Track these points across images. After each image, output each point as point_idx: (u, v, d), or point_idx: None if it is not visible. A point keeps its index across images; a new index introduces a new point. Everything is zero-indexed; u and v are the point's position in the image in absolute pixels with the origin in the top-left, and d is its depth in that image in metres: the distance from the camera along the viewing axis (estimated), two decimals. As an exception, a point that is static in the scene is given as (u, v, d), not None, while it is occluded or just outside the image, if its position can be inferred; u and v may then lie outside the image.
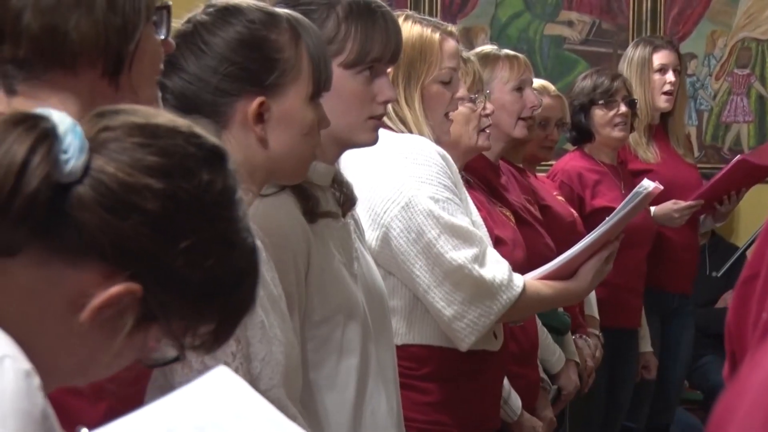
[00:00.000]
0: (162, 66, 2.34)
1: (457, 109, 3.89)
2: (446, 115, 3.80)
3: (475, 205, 4.07)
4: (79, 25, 2.18)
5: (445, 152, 3.69)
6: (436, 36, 3.72)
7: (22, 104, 1.93)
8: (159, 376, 2.45)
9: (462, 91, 3.93)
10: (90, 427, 2.08)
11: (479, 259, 3.56)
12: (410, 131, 3.63)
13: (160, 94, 2.45)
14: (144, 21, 2.23)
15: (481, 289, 3.55)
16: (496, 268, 3.59)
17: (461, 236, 3.55)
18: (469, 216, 3.69)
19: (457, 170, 3.82)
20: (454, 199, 3.61)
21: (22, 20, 2.17)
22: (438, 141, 3.72)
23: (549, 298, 3.83)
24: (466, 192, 3.78)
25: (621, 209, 3.75)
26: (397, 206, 3.49)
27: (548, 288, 3.74)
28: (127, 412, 2.27)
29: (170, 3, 2.31)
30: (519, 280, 3.60)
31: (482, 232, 3.72)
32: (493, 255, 3.63)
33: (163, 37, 2.30)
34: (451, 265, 3.52)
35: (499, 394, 3.96)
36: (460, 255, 3.53)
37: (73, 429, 1.92)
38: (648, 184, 3.74)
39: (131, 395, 2.30)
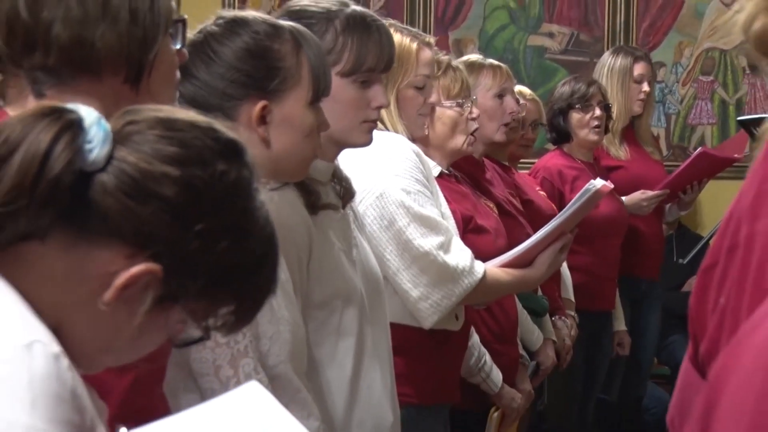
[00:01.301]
0: (178, 73, 2.34)
1: (428, 111, 3.89)
2: (419, 115, 3.79)
3: (461, 196, 4.13)
4: (104, 36, 2.18)
5: (418, 149, 3.71)
6: (414, 45, 3.71)
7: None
8: (176, 353, 2.44)
9: (435, 97, 3.94)
10: (116, 397, 2.09)
11: (444, 246, 3.58)
12: (386, 129, 3.63)
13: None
14: (163, 33, 2.23)
15: (444, 274, 3.56)
16: (459, 255, 3.60)
17: (429, 225, 3.57)
18: (438, 208, 3.70)
19: (431, 165, 3.84)
20: (424, 192, 3.62)
21: (52, 31, 2.17)
22: (412, 138, 3.73)
23: (508, 284, 3.83)
24: (437, 186, 3.78)
25: (572, 205, 3.76)
26: (372, 196, 3.49)
27: (507, 275, 3.75)
28: (149, 385, 2.27)
29: (186, 17, 2.31)
30: (480, 267, 3.62)
31: (450, 223, 3.73)
32: (457, 243, 3.64)
33: (178, 47, 2.30)
34: (419, 251, 3.54)
35: (458, 370, 3.92)
36: (427, 242, 3.55)
37: (104, 398, 1.92)
38: (597, 183, 3.76)
39: (154, 369, 2.30)
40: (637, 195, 5.97)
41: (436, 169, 4.04)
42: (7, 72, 3.83)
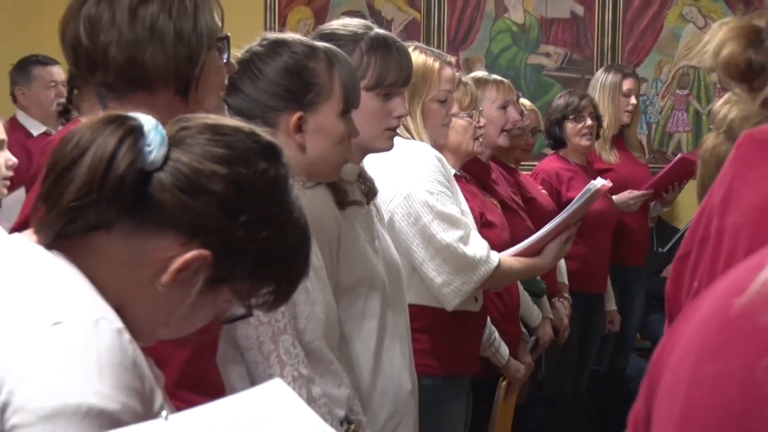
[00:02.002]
0: (225, 83, 2.35)
1: (450, 122, 3.91)
2: (442, 125, 3.81)
3: (471, 195, 4.11)
4: (154, 56, 2.20)
5: (440, 155, 3.70)
6: (437, 64, 3.71)
7: None
8: (226, 330, 2.46)
9: (455, 108, 3.96)
10: (174, 368, 2.10)
11: (464, 239, 3.58)
12: (413, 138, 3.64)
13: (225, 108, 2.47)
14: (206, 50, 2.24)
15: (464, 263, 3.57)
16: (477, 246, 3.60)
17: (450, 221, 3.57)
18: (458, 206, 3.69)
19: (450, 169, 3.83)
20: (446, 192, 3.61)
21: (108, 54, 2.21)
22: (435, 145, 3.73)
23: (519, 271, 3.84)
24: (457, 186, 3.77)
25: (576, 201, 3.80)
26: (400, 196, 3.51)
27: (519, 263, 3.77)
28: (204, 357, 2.27)
29: (228, 34, 2.31)
30: (495, 257, 3.62)
31: (468, 219, 3.72)
32: (475, 236, 3.65)
33: (225, 60, 2.31)
34: (441, 243, 3.55)
35: (478, 345, 3.93)
36: (449, 236, 3.55)
37: (164, 370, 1.93)
38: (597, 182, 3.82)
39: (207, 346, 2.32)
40: (626, 194, 5.96)
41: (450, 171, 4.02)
42: (80, 87, 3.85)
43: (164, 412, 1.45)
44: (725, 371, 0.95)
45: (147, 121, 1.67)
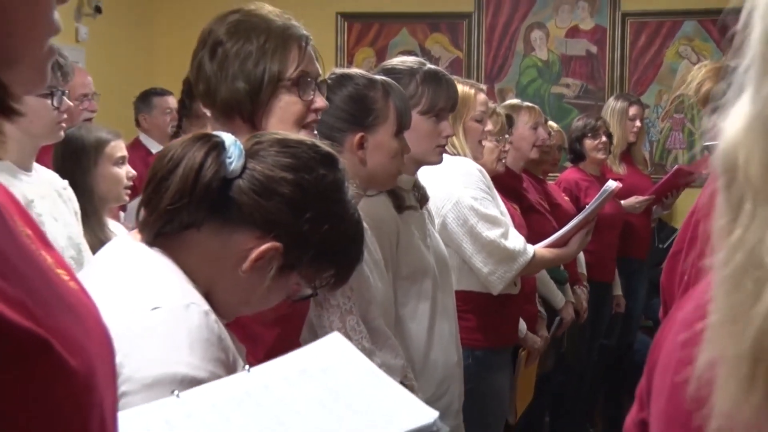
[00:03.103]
0: (308, 115, 2.31)
1: (486, 137, 3.99)
2: (479, 141, 3.88)
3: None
4: (221, 91, 2.20)
5: (481, 167, 3.75)
6: (472, 91, 3.79)
7: None
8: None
9: (490, 125, 4.03)
10: (265, 345, 2.09)
11: (505, 235, 3.61)
12: (458, 153, 3.68)
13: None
14: (270, 87, 2.23)
15: (505, 255, 3.60)
16: (516, 241, 3.63)
17: (492, 221, 3.60)
18: (498, 209, 3.72)
19: (489, 178, 3.85)
20: (487, 197, 3.65)
21: (198, 88, 2.25)
22: (475, 159, 3.78)
23: (550, 260, 3.87)
24: (496, 192, 3.81)
25: (594, 201, 3.87)
26: (450, 203, 3.55)
27: (549, 253, 3.82)
28: (290, 336, 2.26)
29: (308, 70, 2.28)
30: (530, 249, 3.66)
31: (507, 219, 3.74)
32: (513, 233, 3.68)
33: (310, 97, 2.28)
34: (486, 239, 3.57)
35: (516, 322, 3.96)
36: (492, 233, 3.58)
37: (257, 345, 1.92)
38: (611, 184, 3.87)
39: (294, 326, 2.31)
40: (632, 199, 5.94)
41: None
42: (188, 115, 3.84)
43: (246, 366, 1.47)
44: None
45: (227, 137, 1.69)
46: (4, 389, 0.93)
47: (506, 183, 4.39)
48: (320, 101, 2.30)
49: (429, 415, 1.32)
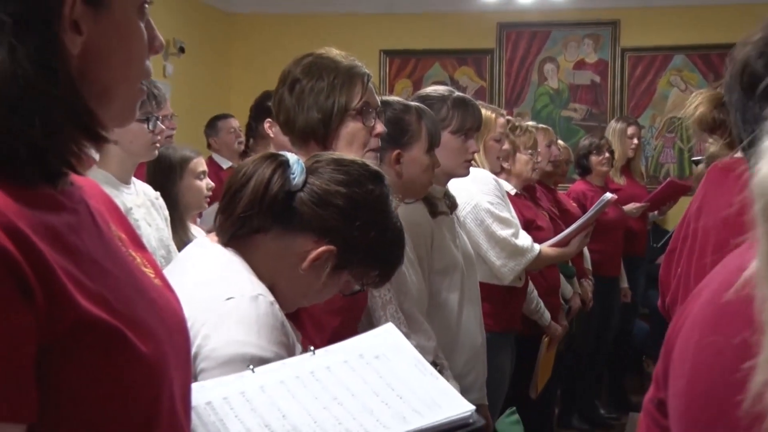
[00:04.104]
0: (371, 141, 2.31)
1: (505, 156, 4.00)
2: (497, 158, 3.86)
3: (526, 208, 4.19)
4: (298, 120, 2.21)
5: (497, 177, 3.76)
6: (493, 115, 3.75)
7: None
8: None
9: (507, 145, 3.99)
10: (328, 332, 2.08)
11: (515, 234, 3.60)
12: (478, 166, 3.65)
13: None
14: (339, 115, 2.23)
15: (516, 251, 3.58)
16: (524, 240, 3.62)
17: (505, 222, 3.59)
18: (510, 212, 3.69)
19: (504, 187, 3.85)
20: (501, 202, 3.64)
21: (279, 118, 2.23)
22: (492, 171, 3.77)
23: (553, 257, 3.84)
24: (507, 199, 3.78)
25: (592, 209, 3.87)
26: (470, 206, 3.53)
27: (553, 251, 3.80)
28: (351, 324, 2.26)
29: (369, 102, 2.28)
30: (537, 247, 3.65)
31: (516, 221, 3.71)
32: (523, 233, 3.67)
33: (371, 123, 2.28)
34: (499, 237, 3.56)
35: (520, 310, 3.89)
36: (505, 232, 3.57)
37: (323, 332, 1.93)
38: (608, 196, 3.86)
39: (353, 315, 2.31)
40: (631, 206, 5.90)
41: (512, 190, 4.14)
42: (256, 137, 3.84)
43: (312, 348, 1.46)
44: (719, 342, 0.94)
45: (291, 157, 1.69)
46: (85, 370, 0.94)
47: (527, 193, 4.39)
48: (380, 127, 2.29)
49: (466, 407, 1.28)
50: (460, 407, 1.28)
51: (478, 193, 3.56)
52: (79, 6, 0.99)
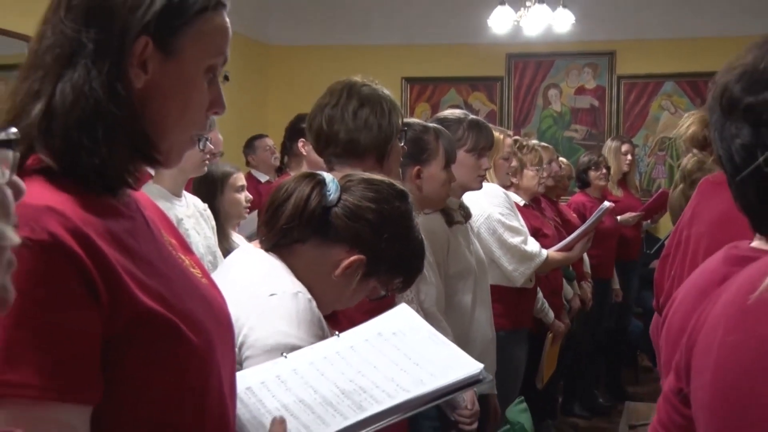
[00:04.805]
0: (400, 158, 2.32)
1: (513, 172, 4.00)
2: (507, 173, 3.84)
3: (534, 217, 4.17)
4: (361, 137, 2.19)
5: (506, 191, 3.75)
6: (502, 136, 3.73)
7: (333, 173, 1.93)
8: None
9: (514, 162, 3.98)
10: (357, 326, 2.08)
11: (524, 241, 3.59)
12: (489, 181, 3.63)
13: None
14: (395, 136, 2.23)
15: (525, 256, 3.57)
16: (533, 246, 3.61)
17: (515, 231, 3.58)
18: (519, 222, 3.67)
19: (513, 200, 3.83)
20: (511, 213, 3.64)
21: (339, 136, 2.20)
22: (502, 185, 3.75)
23: (559, 261, 3.83)
24: (516, 210, 3.76)
25: (593, 217, 3.89)
26: (482, 217, 3.53)
27: (559, 255, 3.80)
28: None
29: (405, 127, 2.29)
30: (544, 252, 3.64)
31: (525, 230, 3.69)
32: (531, 240, 3.65)
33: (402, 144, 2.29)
34: (510, 244, 3.55)
35: (532, 309, 3.88)
36: (515, 240, 3.56)
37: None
38: (606, 204, 3.91)
39: (379, 313, 2.29)
40: (626, 215, 5.85)
41: (521, 202, 4.14)
42: (290, 155, 3.81)
43: (336, 332, 1.47)
44: (743, 340, 0.94)
45: (327, 176, 1.68)
46: (144, 358, 0.95)
47: (535, 203, 4.39)
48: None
49: (476, 366, 1.31)
50: (471, 367, 1.32)
51: (490, 205, 3.55)
52: (150, 48, 1.01)
